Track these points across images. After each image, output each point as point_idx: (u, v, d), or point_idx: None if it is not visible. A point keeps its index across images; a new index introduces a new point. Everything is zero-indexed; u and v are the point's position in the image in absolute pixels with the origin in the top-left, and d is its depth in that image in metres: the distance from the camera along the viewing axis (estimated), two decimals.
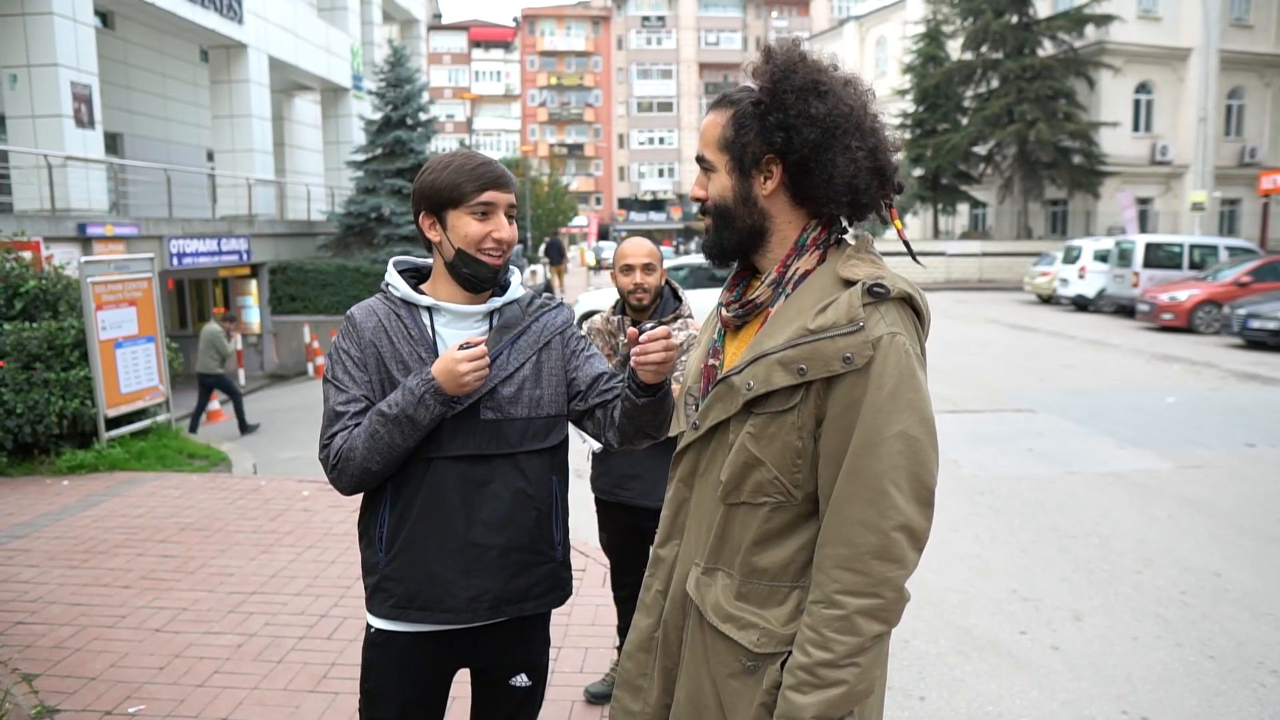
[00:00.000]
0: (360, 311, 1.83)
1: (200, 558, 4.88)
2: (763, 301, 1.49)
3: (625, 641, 1.68)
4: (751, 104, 1.45)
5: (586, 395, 1.88)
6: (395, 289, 1.84)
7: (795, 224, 1.50)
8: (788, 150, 1.43)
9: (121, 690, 3.40)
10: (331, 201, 22.71)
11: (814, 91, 1.41)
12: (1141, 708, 3.52)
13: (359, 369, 1.79)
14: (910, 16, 36.35)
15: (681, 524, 1.58)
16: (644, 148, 67.25)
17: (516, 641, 1.89)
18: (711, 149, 1.50)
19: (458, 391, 1.72)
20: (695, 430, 1.52)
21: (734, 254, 1.54)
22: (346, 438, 1.74)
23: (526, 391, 1.82)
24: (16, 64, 12.93)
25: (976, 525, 5.74)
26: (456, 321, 1.84)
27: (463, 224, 1.77)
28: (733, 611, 1.45)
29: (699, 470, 1.53)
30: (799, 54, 1.45)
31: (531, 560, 1.83)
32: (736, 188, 1.48)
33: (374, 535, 1.81)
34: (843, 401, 1.35)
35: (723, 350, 1.56)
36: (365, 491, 1.84)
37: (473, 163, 1.78)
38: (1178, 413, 9.18)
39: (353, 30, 24.23)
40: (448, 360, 1.71)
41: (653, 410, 1.76)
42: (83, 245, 11.91)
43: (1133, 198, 26.31)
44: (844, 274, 1.41)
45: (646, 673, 1.62)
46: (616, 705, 1.65)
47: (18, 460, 6.90)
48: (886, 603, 1.33)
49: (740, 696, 1.44)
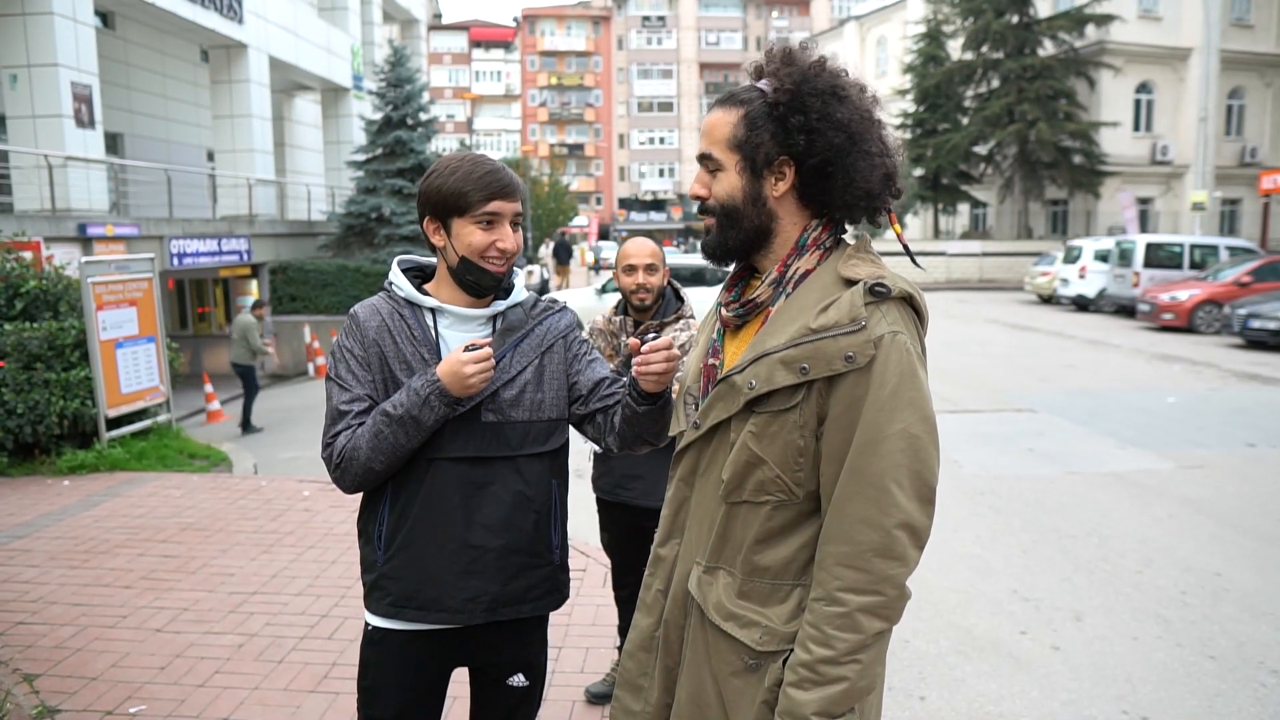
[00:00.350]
0: (364, 310, 1.83)
1: (201, 558, 4.88)
2: (763, 301, 1.49)
3: (626, 641, 1.68)
4: (767, 105, 1.45)
5: (588, 400, 1.89)
6: (400, 289, 1.84)
7: (798, 224, 1.50)
8: (808, 153, 1.43)
9: (122, 690, 3.40)
10: (332, 201, 22.71)
11: (835, 96, 1.42)
12: (1142, 708, 3.52)
13: (362, 368, 1.79)
14: (911, 16, 36.35)
15: (682, 523, 1.58)
16: (644, 148, 67.24)
17: (514, 641, 1.89)
18: (720, 148, 1.49)
19: (463, 393, 1.72)
20: (696, 429, 1.52)
21: (737, 254, 1.54)
22: (350, 437, 1.74)
23: (528, 395, 1.82)
24: (17, 64, 12.93)
25: (977, 525, 5.75)
26: (460, 324, 1.84)
27: (467, 232, 1.76)
28: (735, 610, 1.45)
29: (700, 469, 1.54)
30: (820, 58, 1.46)
31: (529, 563, 1.83)
32: (747, 188, 1.48)
33: (373, 533, 1.82)
34: (845, 400, 1.36)
35: (722, 350, 1.55)
36: (366, 490, 1.84)
37: (479, 170, 1.76)
38: (1178, 413, 9.18)
39: (353, 30, 24.24)
40: (453, 362, 1.71)
41: (653, 418, 1.77)
42: (83, 245, 11.92)
43: (1133, 198, 26.29)
44: (845, 274, 1.42)
45: (647, 672, 1.62)
46: (617, 705, 1.66)
47: (18, 460, 6.91)
48: (888, 600, 1.34)
49: (742, 695, 1.44)
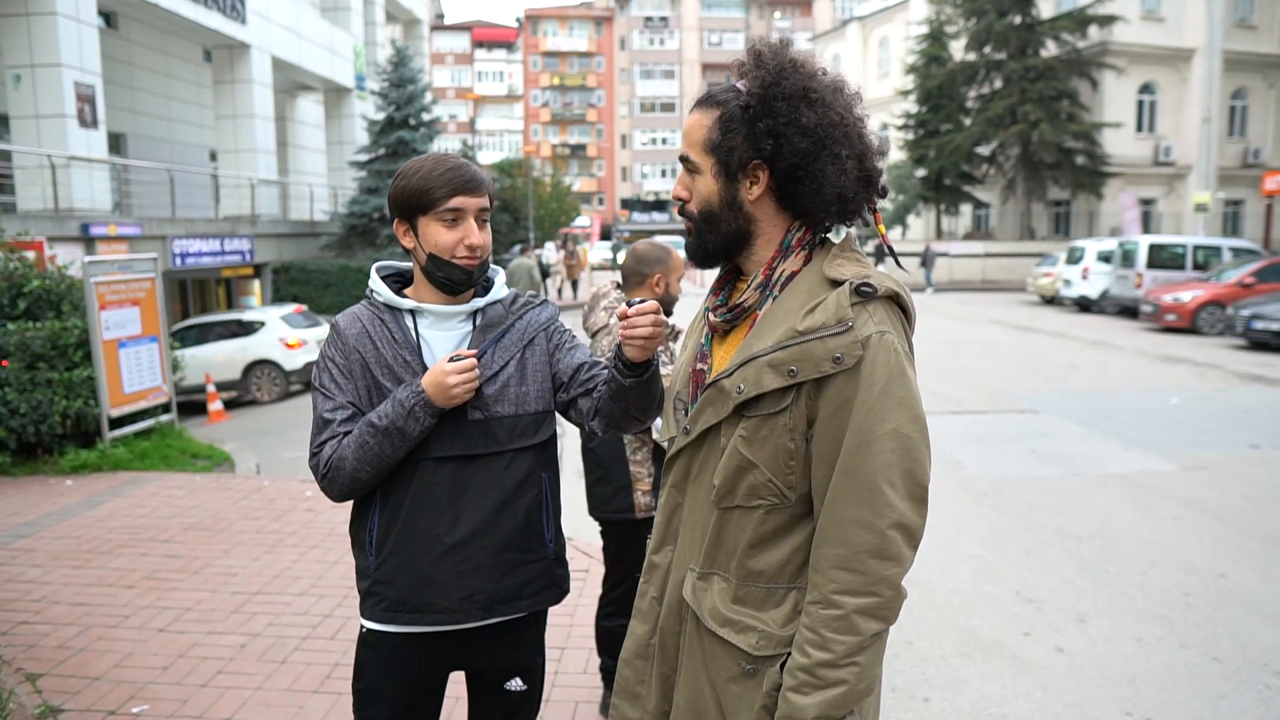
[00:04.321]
0: (345, 319, 1.84)
1: (204, 558, 4.88)
2: (750, 305, 1.48)
3: (622, 649, 1.67)
4: (739, 107, 1.43)
5: (569, 385, 1.88)
6: (379, 294, 1.84)
7: (780, 226, 1.49)
8: (776, 158, 1.42)
9: (125, 690, 3.40)
10: (334, 201, 22.75)
11: (804, 99, 1.40)
12: (1145, 709, 3.51)
13: (344, 376, 1.80)
14: (913, 17, 36.30)
15: (675, 529, 1.57)
16: (646, 148, 67.25)
17: (508, 644, 1.89)
18: (696, 150, 1.48)
19: (447, 404, 1.73)
20: (686, 435, 1.51)
21: (718, 257, 1.53)
22: (336, 446, 1.75)
23: (512, 389, 1.83)
24: (20, 64, 12.96)
25: (980, 526, 5.74)
26: (439, 323, 1.84)
27: (434, 231, 1.76)
28: (730, 615, 1.44)
29: (691, 475, 1.53)
30: (789, 59, 1.43)
31: (523, 559, 1.83)
32: (722, 191, 1.47)
33: (364, 539, 1.82)
34: (834, 402, 1.35)
35: (710, 355, 1.54)
36: (355, 498, 1.85)
37: (441, 168, 1.76)
38: (1182, 414, 9.17)
39: (356, 30, 24.27)
40: (437, 373, 1.72)
41: (640, 392, 1.73)
42: (86, 245, 11.94)
43: (1135, 198, 26.24)
44: (830, 274, 1.41)
45: (645, 680, 1.61)
46: (615, 713, 1.65)
47: (21, 460, 6.91)
48: (884, 601, 1.34)
49: (740, 700, 1.43)
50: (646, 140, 67.12)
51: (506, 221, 27.56)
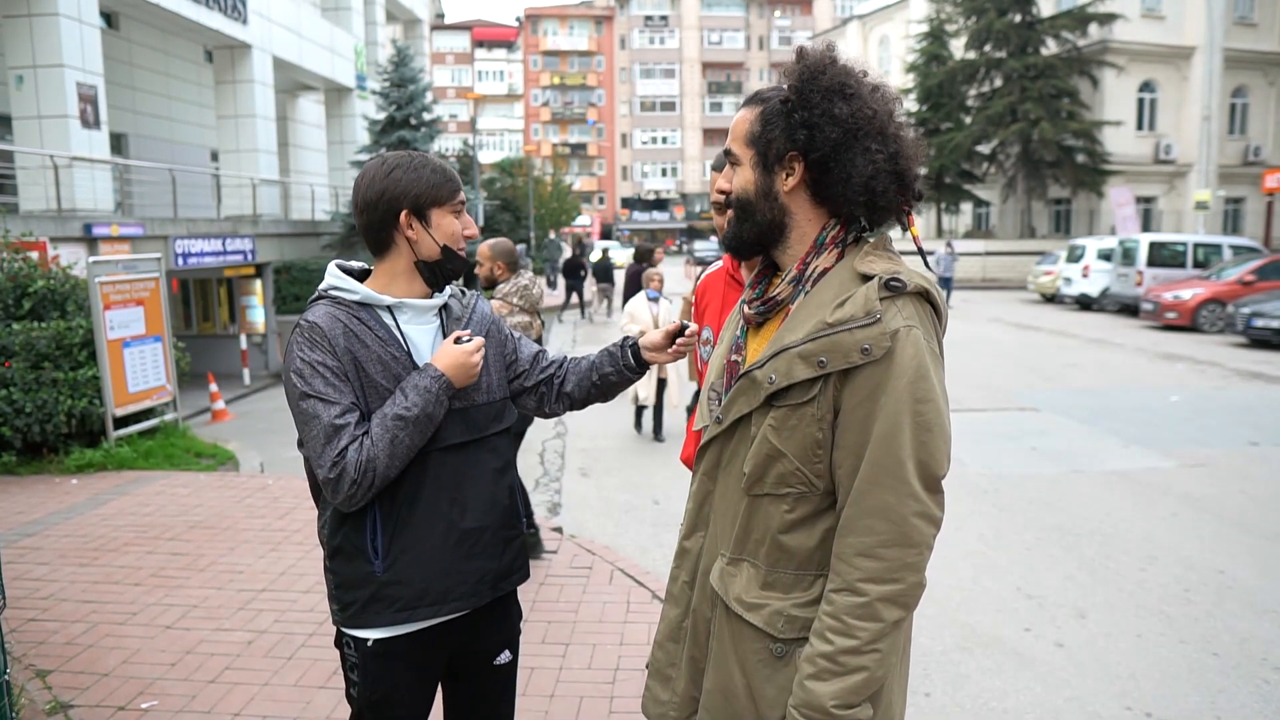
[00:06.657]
0: (324, 321, 1.75)
1: (209, 555, 4.91)
2: (784, 299, 1.52)
3: (656, 631, 1.73)
4: (780, 102, 1.49)
5: (530, 372, 2.02)
6: (352, 292, 1.80)
7: (815, 222, 1.53)
8: (810, 148, 1.46)
9: (134, 686, 3.44)
10: (336, 201, 22.75)
11: (840, 93, 1.44)
12: (1145, 704, 3.55)
13: (340, 379, 1.73)
14: (913, 15, 36.32)
15: (706, 516, 1.62)
16: (647, 147, 67.28)
17: (501, 617, 1.97)
18: (739, 143, 1.55)
19: (466, 383, 1.80)
20: (719, 424, 1.56)
21: (753, 247, 1.58)
22: (360, 449, 1.69)
23: (483, 378, 1.89)
24: (22, 65, 12.97)
25: (981, 523, 5.76)
26: (416, 318, 1.86)
27: (447, 222, 1.83)
28: (756, 600, 1.49)
29: (723, 463, 1.57)
30: (830, 57, 1.48)
31: (510, 535, 1.92)
32: (759, 182, 1.52)
33: (363, 547, 1.77)
34: (860, 393, 1.39)
35: (745, 347, 1.59)
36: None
37: (435, 163, 1.85)
38: (1182, 411, 9.19)
39: (356, 30, 24.26)
40: (457, 354, 1.77)
41: (630, 383, 2.05)
42: (88, 245, 11.94)
43: (1129, 195, 26.12)
44: (861, 269, 1.45)
45: (675, 662, 1.66)
46: (648, 694, 1.71)
47: (27, 459, 6.94)
48: (907, 588, 1.38)
49: (770, 683, 1.48)
50: (647, 139, 67.15)
51: (508, 221, 27.57)
